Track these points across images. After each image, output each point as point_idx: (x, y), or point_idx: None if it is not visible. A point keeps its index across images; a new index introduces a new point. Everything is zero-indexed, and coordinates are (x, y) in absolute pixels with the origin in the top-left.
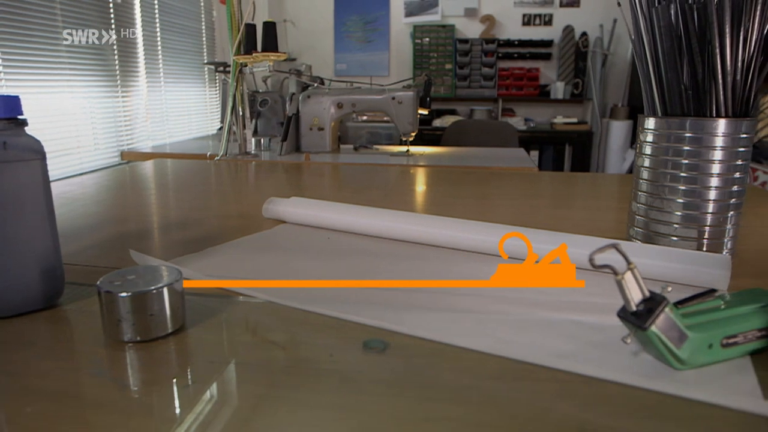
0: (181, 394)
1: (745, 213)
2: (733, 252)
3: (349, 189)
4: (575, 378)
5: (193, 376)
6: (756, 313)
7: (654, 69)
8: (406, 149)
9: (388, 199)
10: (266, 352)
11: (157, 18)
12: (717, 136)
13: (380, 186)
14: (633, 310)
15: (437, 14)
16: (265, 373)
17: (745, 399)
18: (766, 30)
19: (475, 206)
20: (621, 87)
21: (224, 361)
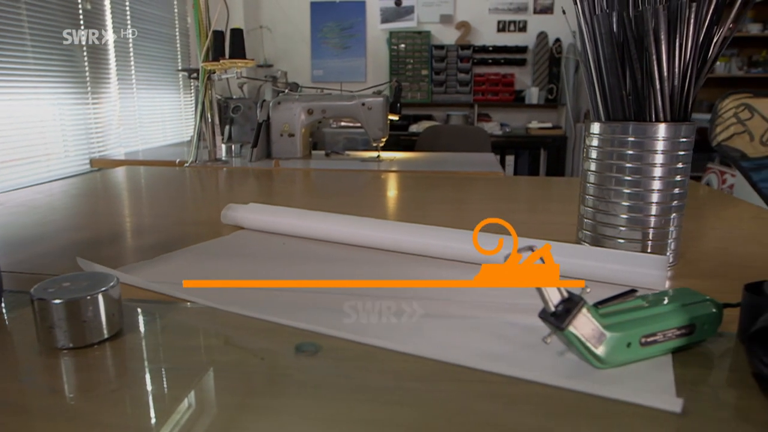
0: (110, 400)
1: (706, 215)
2: (677, 253)
3: (314, 195)
4: (501, 379)
5: (125, 381)
6: (675, 312)
7: (597, 75)
8: (377, 155)
9: (352, 205)
10: (199, 356)
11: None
12: (657, 140)
13: (346, 192)
14: (552, 311)
15: (413, 21)
16: (195, 378)
17: (658, 396)
18: (702, 38)
19: (435, 210)
20: None
21: (157, 367)
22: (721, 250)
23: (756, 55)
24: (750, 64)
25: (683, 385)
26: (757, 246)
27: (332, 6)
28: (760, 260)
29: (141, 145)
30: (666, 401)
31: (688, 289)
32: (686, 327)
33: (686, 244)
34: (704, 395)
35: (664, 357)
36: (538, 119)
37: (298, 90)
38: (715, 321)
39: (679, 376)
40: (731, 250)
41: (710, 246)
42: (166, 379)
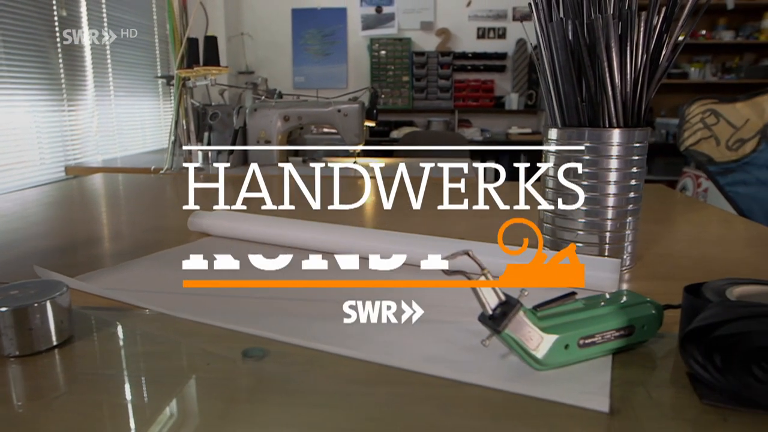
0: (55, 407)
1: (672, 219)
2: (634, 256)
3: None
4: (442, 382)
5: (70, 388)
6: (614, 314)
7: (553, 82)
8: (353, 161)
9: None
10: (146, 362)
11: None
12: (612, 146)
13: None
14: (489, 314)
15: (394, 27)
16: (140, 384)
17: (588, 396)
18: (653, 45)
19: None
20: None
21: (104, 373)
22: (679, 252)
23: (729, 62)
24: (724, 71)
25: (619, 385)
26: (715, 248)
27: (313, 13)
28: (717, 263)
29: (119, 153)
30: (594, 401)
31: (629, 291)
32: (625, 328)
33: (645, 247)
34: (638, 395)
35: (605, 358)
36: (518, 125)
37: (275, 97)
38: (654, 322)
39: (616, 377)
40: (689, 253)
41: (669, 249)
42: (113, 385)
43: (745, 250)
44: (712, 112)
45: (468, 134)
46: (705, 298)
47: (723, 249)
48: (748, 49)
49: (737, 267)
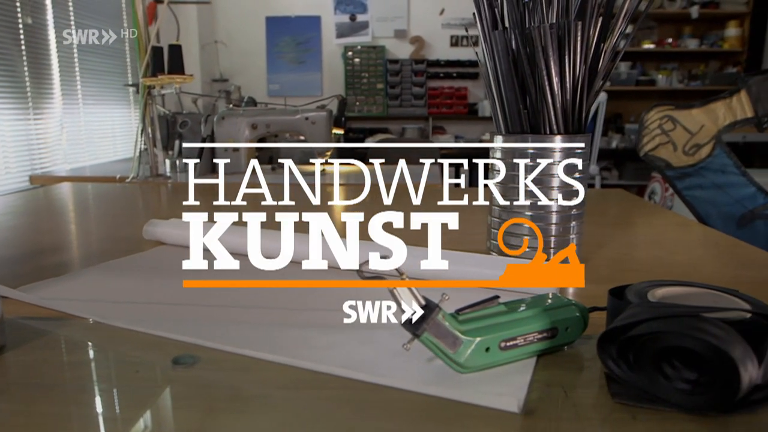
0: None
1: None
2: (580, 259)
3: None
4: (365, 385)
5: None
6: (537, 317)
7: (496, 89)
8: (322, 168)
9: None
10: (77, 371)
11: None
12: (554, 152)
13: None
14: (409, 318)
15: (368, 35)
16: (69, 392)
17: (500, 398)
18: (591, 54)
19: None
20: None
21: (34, 383)
22: (627, 256)
23: (695, 69)
24: (690, 78)
25: (539, 386)
26: (661, 251)
27: (287, 21)
28: (661, 266)
29: (89, 161)
30: (504, 402)
31: (555, 294)
32: (548, 331)
33: (593, 250)
34: (555, 395)
35: (529, 360)
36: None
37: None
38: (578, 324)
39: (538, 378)
40: (635, 256)
41: (617, 252)
42: (41, 395)
43: (693, 253)
44: (670, 118)
45: (442, 140)
46: (627, 300)
47: (671, 252)
48: (713, 57)
49: (683, 270)
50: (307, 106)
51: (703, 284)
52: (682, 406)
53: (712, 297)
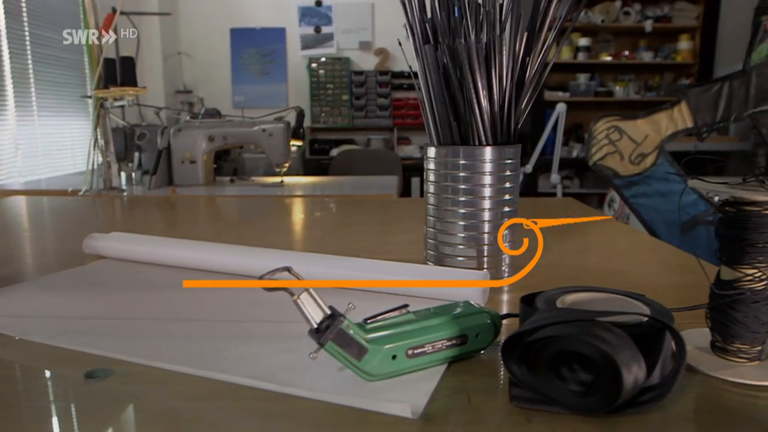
0: None
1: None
2: (513, 267)
3: (197, 222)
4: (275, 395)
5: None
6: (445, 324)
7: (428, 102)
8: (280, 180)
9: (228, 231)
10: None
11: (28, 50)
12: (485, 163)
13: (228, 218)
14: (314, 327)
15: (333, 47)
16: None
17: (395, 405)
18: (518, 67)
19: (306, 234)
20: None
21: None
22: (559, 263)
23: (651, 80)
24: (646, 89)
25: (444, 392)
26: (595, 258)
27: (252, 33)
28: (592, 272)
29: (46, 174)
30: (399, 409)
31: (467, 302)
32: (457, 338)
33: (529, 257)
34: (458, 400)
35: (440, 367)
36: None
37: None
38: (489, 331)
39: (445, 384)
40: (569, 263)
41: (553, 260)
42: None
43: (625, 260)
44: (616, 128)
45: (407, 151)
46: (535, 307)
47: (605, 259)
48: (667, 69)
49: (612, 276)
50: (264, 118)
51: (611, 290)
52: (573, 407)
53: (617, 302)
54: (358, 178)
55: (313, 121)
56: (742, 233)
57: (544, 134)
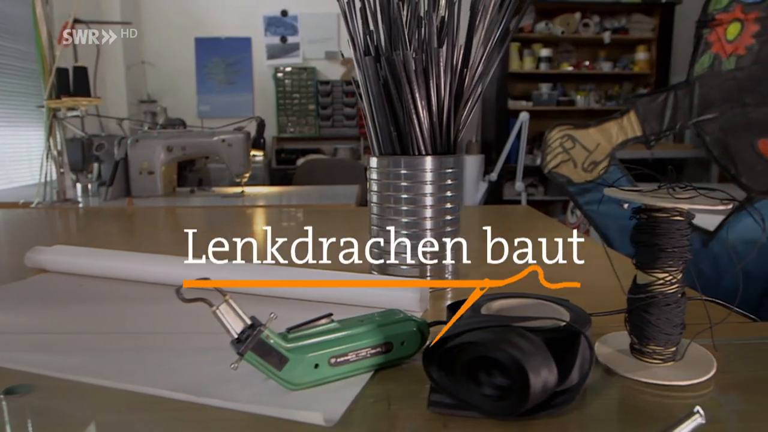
0: None
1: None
2: (457, 275)
3: (146, 233)
4: (195, 406)
5: None
6: (370, 332)
7: (369, 113)
8: (240, 190)
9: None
10: None
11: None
12: (426, 172)
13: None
14: (235, 337)
15: (299, 57)
16: None
17: (307, 414)
18: (456, 79)
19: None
20: (474, 124)
21: None
22: (505, 269)
23: (610, 90)
24: (606, 98)
25: (366, 400)
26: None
27: (217, 42)
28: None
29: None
30: (312, 417)
31: (395, 309)
32: (382, 345)
33: (477, 264)
34: (379, 408)
35: (366, 374)
36: None
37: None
38: (415, 338)
39: (369, 392)
40: (515, 270)
41: (496, 267)
42: None
43: (574, 265)
44: (569, 137)
45: None
46: None
47: (549, 265)
48: (626, 79)
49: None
50: (224, 128)
51: (536, 295)
52: (486, 411)
53: (540, 307)
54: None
55: (279, 130)
56: (653, 239)
57: (508, 143)
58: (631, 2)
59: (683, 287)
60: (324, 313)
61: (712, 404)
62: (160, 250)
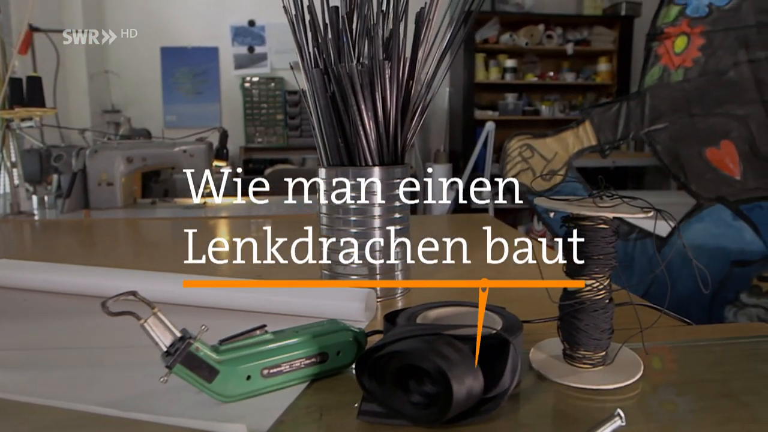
0: None
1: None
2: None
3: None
4: (126, 421)
5: None
6: (304, 343)
7: (317, 124)
8: (203, 201)
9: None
10: None
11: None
12: (373, 183)
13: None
14: (164, 350)
15: (267, 67)
16: None
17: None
18: (402, 91)
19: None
20: (441, 133)
21: None
22: (456, 278)
23: (574, 100)
24: (570, 108)
25: (298, 410)
26: (491, 273)
27: (183, 52)
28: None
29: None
30: (235, 429)
31: (333, 320)
32: (316, 356)
33: (429, 273)
34: (310, 418)
35: (301, 385)
36: None
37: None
38: (351, 348)
39: (304, 402)
40: (466, 278)
41: (447, 275)
42: None
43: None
44: (528, 146)
45: None
46: (396, 323)
47: (499, 273)
48: (589, 89)
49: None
50: (186, 139)
51: (474, 303)
52: (413, 418)
53: (476, 315)
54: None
55: (247, 141)
56: (580, 246)
57: (475, 152)
58: (593, 15)
59: (610, 293)
60: (259, 324)
61: (636, 406)
62: (114, 262)
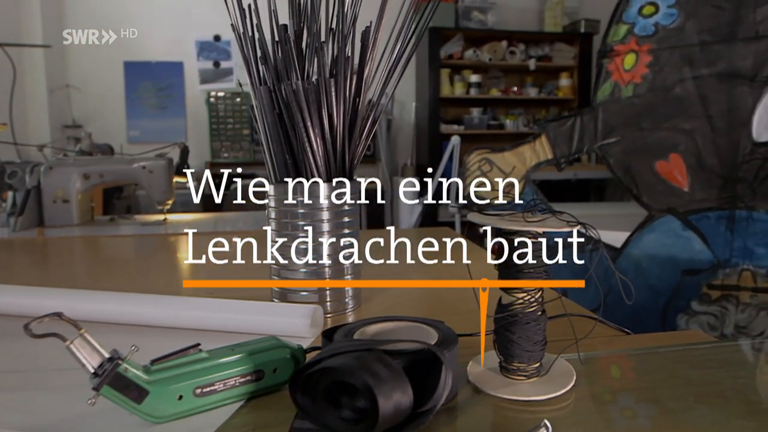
0: None
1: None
2: (359, 298)
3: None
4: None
5: None
6: (239, 361)
7: (265, 141)
8: (163, 218)
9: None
10: None
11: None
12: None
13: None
14: (92, 372)
15: (232, 82)
16: None
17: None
18: (349, 107)
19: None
20: (408, 147)
21: None
22: (407, 294)
23: (538, 114)
24: (534, 121)
25: (230, 430)
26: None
27: (148, 66)
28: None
29: None
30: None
31: (272, 336)
32: (252, 374)
33: (380, 289)
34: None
35: (236, 403)
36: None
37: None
38: (288, 365)
39: (236, 422)
40: (415, 295)
41: (398, 291)
42: None
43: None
44: (487, 160)
45: None
46: (334, 340)
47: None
48: (551, 104)
49: (448, 305)
50: (145, 155)
51: (413, 318)
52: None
53: (413, 330)
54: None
55: (213, 156)
56: (511, 260)
57: (441, 165)
58: (553, 32)
59: (542, 306)
60: (193, 342)
61: (567, 416)
62: (66, 281)
